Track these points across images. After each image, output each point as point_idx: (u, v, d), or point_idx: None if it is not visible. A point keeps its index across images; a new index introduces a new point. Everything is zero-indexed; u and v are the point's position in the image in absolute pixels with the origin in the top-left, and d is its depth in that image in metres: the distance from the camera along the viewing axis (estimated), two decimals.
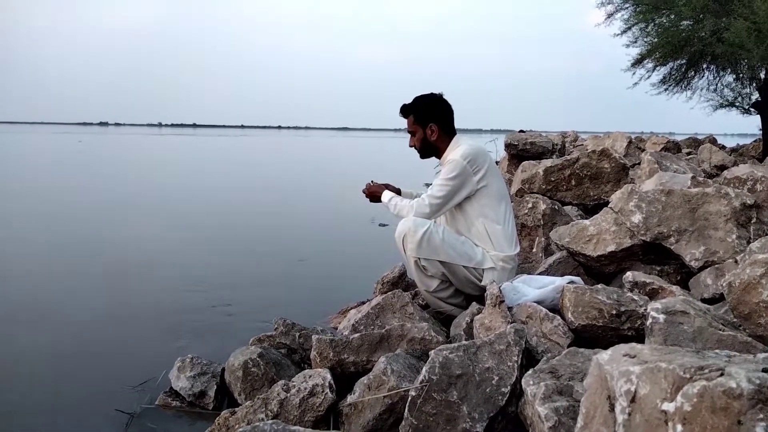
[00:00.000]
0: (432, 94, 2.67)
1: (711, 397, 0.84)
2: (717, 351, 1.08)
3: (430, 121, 2.63)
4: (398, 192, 2.78)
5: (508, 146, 7.06)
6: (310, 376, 1.95)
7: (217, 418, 1.92)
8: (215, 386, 2.26)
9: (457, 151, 2.55)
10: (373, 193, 2.76)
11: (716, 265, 2.28)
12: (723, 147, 9.63)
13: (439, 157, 2.69)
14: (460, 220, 2.62)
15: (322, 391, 1.87)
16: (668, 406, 0.88)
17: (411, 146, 2.72)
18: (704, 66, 9.87)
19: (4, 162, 18.00)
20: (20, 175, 13.22)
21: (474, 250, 2.53)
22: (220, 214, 7.72)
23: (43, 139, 41.78)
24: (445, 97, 2.67)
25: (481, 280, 2.51)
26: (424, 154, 2.72)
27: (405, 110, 2.68)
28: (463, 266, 2.49)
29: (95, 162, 18.67)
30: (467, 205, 2.57)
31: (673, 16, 8.80)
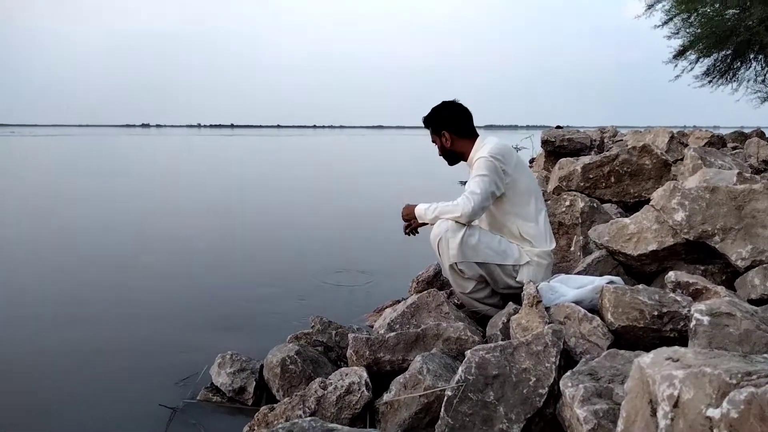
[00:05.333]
0: (442, 102, 2.68)
1: (759, 405, 0.81)
2: (766, 355, 1.04)
3: (441, 128, 2.64)
4: None
5: (544, 143, 6.95)
6: (346, 374, 1.97)
7: (256, 414, 1.96)
8: (254, 382, 2.30)
9: (483, 149, 2.53)
10: (408, 214, 2.67)
11: (764, 265, 2.20)
12: None
13: (465, 160, 2.67)
14: (492, 223, 2.60)
15: (359, 389, 1.89)
16: (713, 413, 0.86)
17: (440, 155, 2.75)
18: (751, 56, 9.50)
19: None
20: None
21: (510, 248, 2.51)
22: (260, 214, 7.85)
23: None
24: (459, 101, 2.66)
25: (517, 278, 2.49)
26: (450, 161, 2.74)
27: (424, 123, 2.72)
28: (500, 266, 2.47)
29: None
30: (497, 206, 2.54)
31: (717, 5, 8.50)
